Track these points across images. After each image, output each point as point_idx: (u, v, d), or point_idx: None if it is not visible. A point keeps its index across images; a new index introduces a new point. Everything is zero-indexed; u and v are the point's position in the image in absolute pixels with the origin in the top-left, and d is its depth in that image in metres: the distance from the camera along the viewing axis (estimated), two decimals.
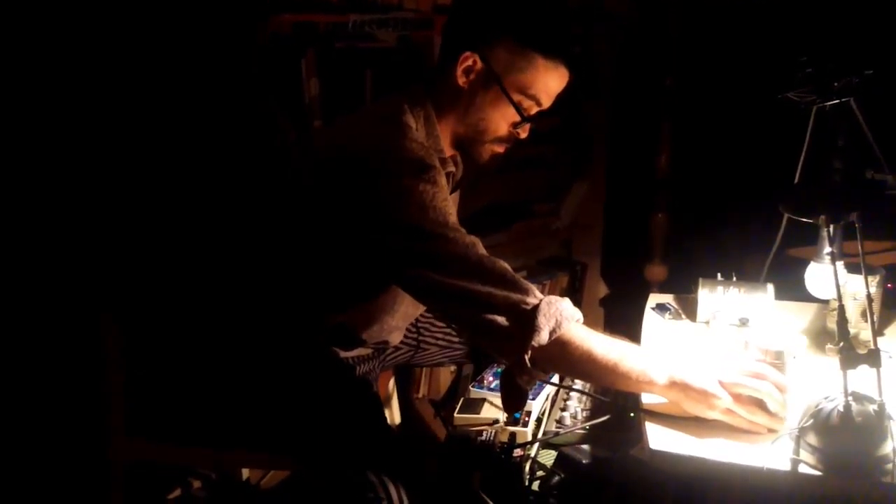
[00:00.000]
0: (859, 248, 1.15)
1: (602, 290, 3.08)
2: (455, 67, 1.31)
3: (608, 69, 2.81)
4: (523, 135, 1.38)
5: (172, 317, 1.48)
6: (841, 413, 1.04)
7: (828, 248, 1.27)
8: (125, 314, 1.44)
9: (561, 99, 1.43)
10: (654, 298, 1.64)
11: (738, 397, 1.13)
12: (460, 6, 1.40)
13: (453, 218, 1.23)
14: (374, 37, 2.01)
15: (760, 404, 1.12)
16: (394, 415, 1.93)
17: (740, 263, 1.56)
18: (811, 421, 1.07)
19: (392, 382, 1.93)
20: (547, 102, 1.37)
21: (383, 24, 2.02)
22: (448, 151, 1.39)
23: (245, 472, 1.84)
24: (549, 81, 1.34)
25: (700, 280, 1.51)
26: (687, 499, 1.16)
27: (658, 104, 2.71)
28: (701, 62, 2.68)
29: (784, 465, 1.05)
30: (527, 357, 1.16)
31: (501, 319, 1.17)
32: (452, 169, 1.40)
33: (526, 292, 1.18)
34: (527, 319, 1.16)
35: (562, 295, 3.06)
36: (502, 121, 1.35)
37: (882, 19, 2.17)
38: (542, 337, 1.15)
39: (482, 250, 1.22)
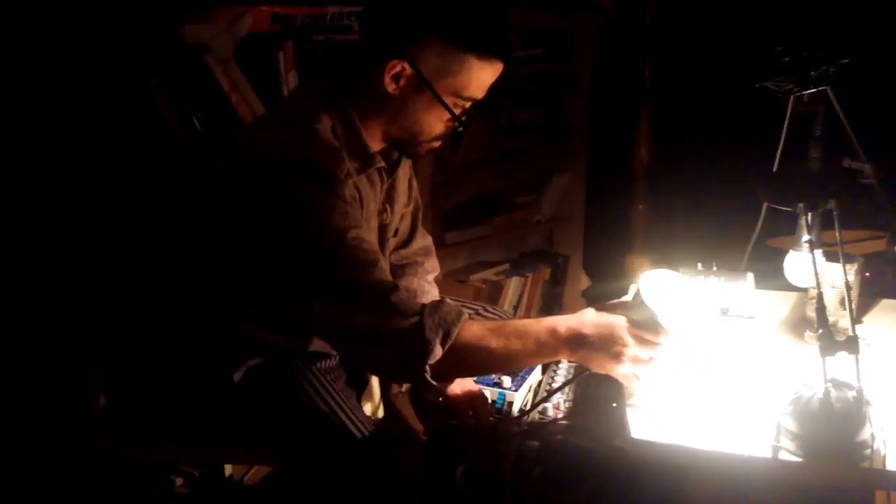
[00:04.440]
0: (837, 235, 1.15)
1: (584, 281, 3.09)
2: (382, 74, 1.24)
3: (587, 61, 2.82)
4: (461, 129, 1.34)
5: (145, 316, 1.46)
6: (820, 399, 1.05)
7: (806, 236, 1.28)
8: (103, 313, 1.43)
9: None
10: (635, 289, 1.64)
11: (635, 359, 1.19)
12: (383, 11, 1.30)
13: (353, 234, 1.17)
14: (353, 29, 2.00)
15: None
16: (377, 410, 1.93)
17: (720, 253, 1.57)
18: (791, 408, 1.07)
19: (375, 379, 1.92)
20: (482, 95, 1.31)
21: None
22: (377, 146, 1.33)
23: (228, 469, 1.83)
24: (484, 77, 1.28)
25: (681, 269, 1.51)
26: (668, 487, 1.16)
27: (637, 95, 2.72)
28: (679, 53, 2.69)
29: (764, 451, 1.06)
30: (427, 376, 1.15)
31: (391, 350, 1.16)
32: (382, 164, 1.34)
33: (407, 314, 1.15)
34: (415, 341, 1.14)
35: (543, 287, 3.07)
36: (438, 122, 1.30)
37: (857, 8, 2.19)
38: (436, 353, 1.14)
39: (376, 274, 1.17)
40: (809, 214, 1.21)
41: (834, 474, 1.04)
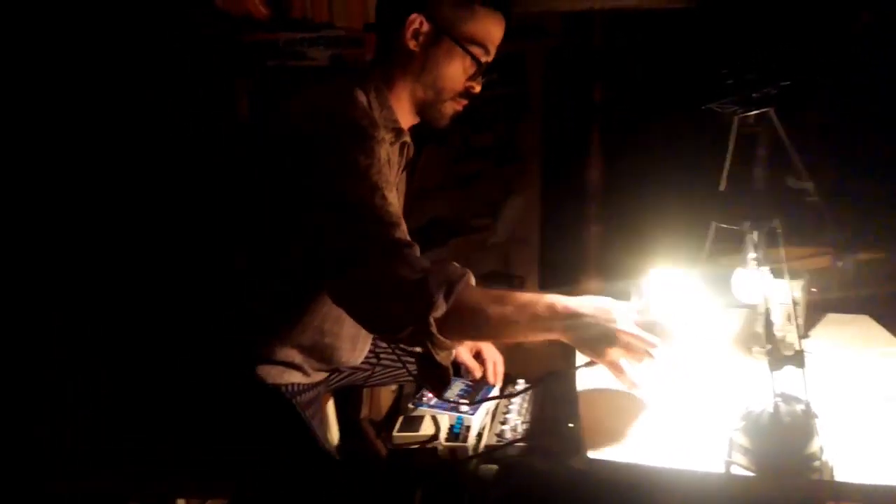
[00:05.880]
0: (781, 252, 1.18)
1: None
2: (403, 33, 1.33)
3: (539, 86, 2.86)
4: (477, 88, 1.41)
5: (104, 344, 1.44)
6: (770, 414, 1.07)
7: (752, 254, 1.31)
8: (59, 337, 1.40)
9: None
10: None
11: (628, 346, 1.17)
12: None
13: (384, 192, 1.22)
14: (306, 55, 2.01)
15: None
16: (333, 436, 1.91)
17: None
18: (742, 423, 1.09)
19: (331, 403, 1.90)
20: (492, 51, 1.40)
21: (314, 42, 2.01)
22: (406, 123, 1.40)
23: (181, 503, 1.79)
24: (492, 29, 1.38)
25: (635, 288, 1.53)
26: (624, 503, 1.17)
27: (588, 119, 2.77)
28: (628, 77, 2.75)
29: (717, 467, 1.07)
30: (433, 329, 1.16)
31: (398, 303, 1.17)
32: (407, 139, 1.42)
33: (416, 268, 1.17)
34: (420, 293, 1.15)
35: None
36: (459, 74, 1.38)
37: (799, 31, 2.26)
38: (440, 305, 1.15)
39: (397, 234, 1.21)
40: (755, 233, 1.24)
41: (785, 487, 1.06)
